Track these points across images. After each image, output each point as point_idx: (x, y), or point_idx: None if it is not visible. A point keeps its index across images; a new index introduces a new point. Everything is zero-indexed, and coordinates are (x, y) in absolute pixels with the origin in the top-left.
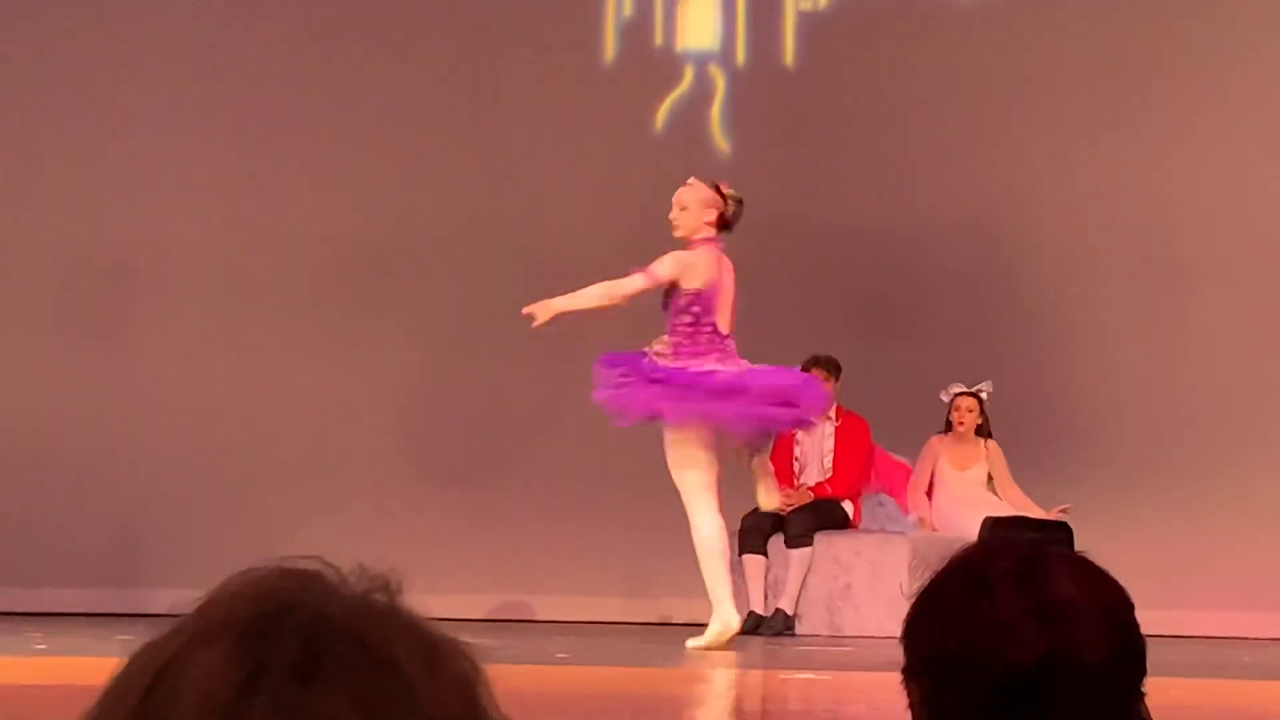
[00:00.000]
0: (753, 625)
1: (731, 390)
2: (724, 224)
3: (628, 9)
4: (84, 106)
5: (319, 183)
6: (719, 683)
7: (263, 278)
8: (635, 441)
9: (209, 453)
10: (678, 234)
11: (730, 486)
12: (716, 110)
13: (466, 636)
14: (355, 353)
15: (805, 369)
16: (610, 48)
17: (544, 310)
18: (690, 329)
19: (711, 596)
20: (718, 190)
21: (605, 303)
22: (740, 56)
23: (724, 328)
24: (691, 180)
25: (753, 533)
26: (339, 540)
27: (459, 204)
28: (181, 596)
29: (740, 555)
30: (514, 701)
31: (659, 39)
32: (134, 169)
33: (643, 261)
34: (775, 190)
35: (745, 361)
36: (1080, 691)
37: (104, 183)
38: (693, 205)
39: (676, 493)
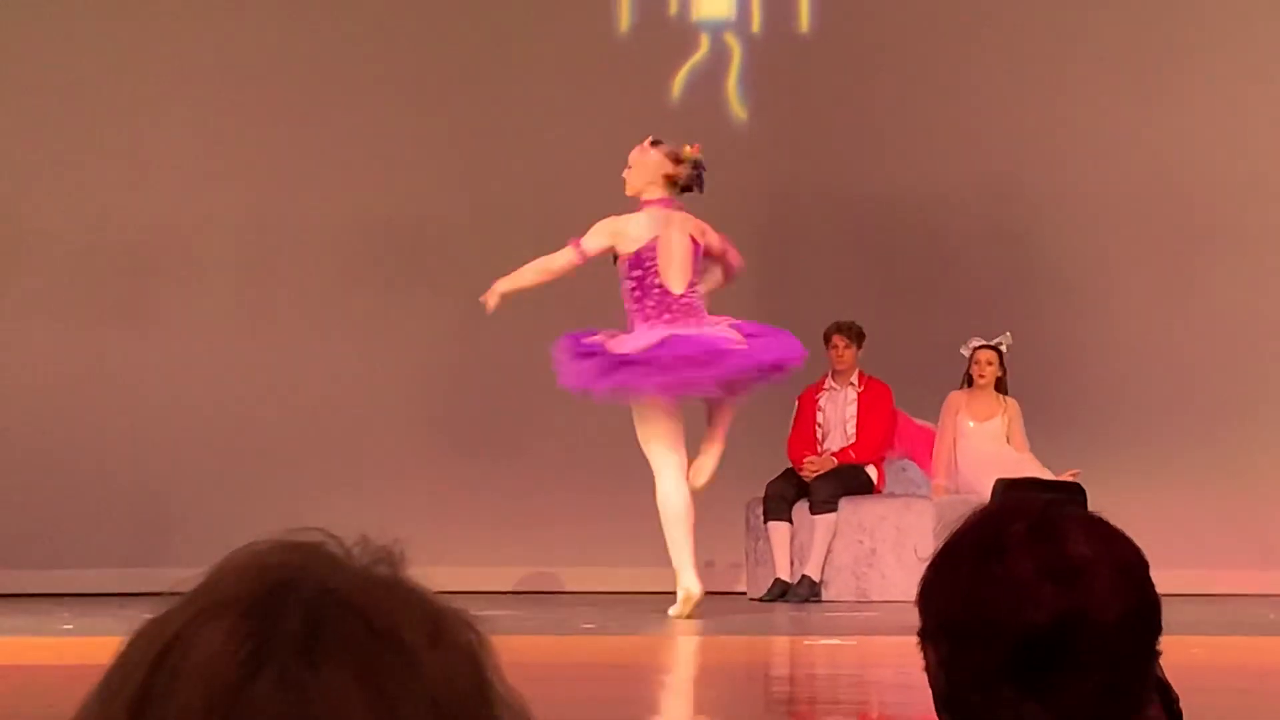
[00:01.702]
0: (779, 592)
1: (643, 362)
2: (682, 186)
3: None
4: (104, 89)
5: (338, 161)
6: (745, 650)
7: (284, 257)
8: None
9: (233, 432)
10: (627, 192)
11: (751, 455)
12: (733, 79)
13: (494, 609)
14: (379, 330)
15: (827, 336)
16: (625, 17)
17: (491, 295)
18: (637, 293)
19: (675, 564)
20: (673, 153)
21: (542, 278)
22: (756, 24)
23: (675, 287)
24: (645, 141)
25: (777, 500)
26: (365, 517)
27: (477, 178)
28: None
29: (765, 522)
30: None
31: (674, 8)
32: (155, 150)
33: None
34: (792, 157)
35: (712, 318)
36: (1096, 651)
37: (125, 164)
38: (636, 165)
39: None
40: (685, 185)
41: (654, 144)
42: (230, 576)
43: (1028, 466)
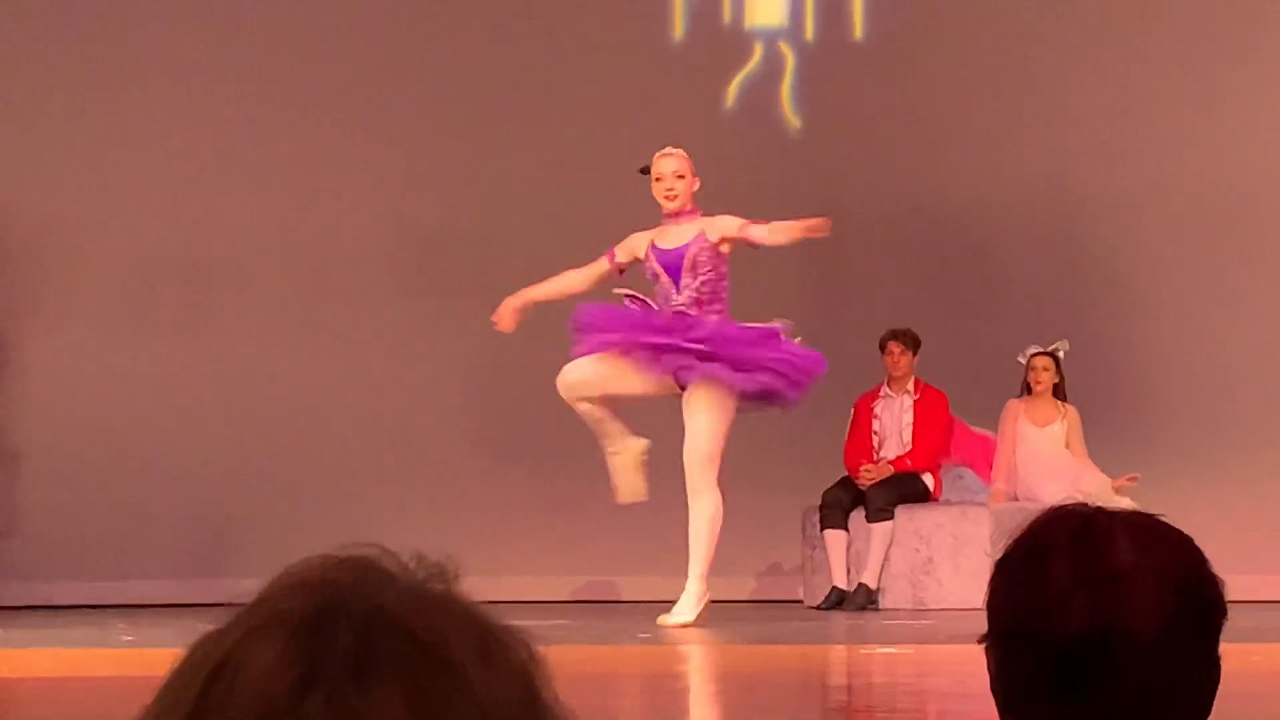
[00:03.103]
0: (835, 600)
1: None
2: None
3: None
4: (159, 102)
5: (390, 172)
6: (802, 659)
7: (337, 268)
8: None
9: (289, 442)
10: (674, 205)
11: (807, 463)
12: (787, 87)
13: (549, 618)
14: (431, 339)
15: (882, 343)
16: (679, 26)
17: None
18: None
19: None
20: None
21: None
22: (809, 32)
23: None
24: (670, 150)
25: (834, 508)
26: (421, 526)
27: (529, 187)
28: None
29: (821, 530)
30: (596, 683)
31: (727, 17)
32: (210, 162)
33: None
34: (846, 164)
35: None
36: (1135, 662)
37: (181, 176)
38: (688, 173)
39: (758, 471)
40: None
41: (680, 152)
42: (282, 593)
43: (1086, 472)
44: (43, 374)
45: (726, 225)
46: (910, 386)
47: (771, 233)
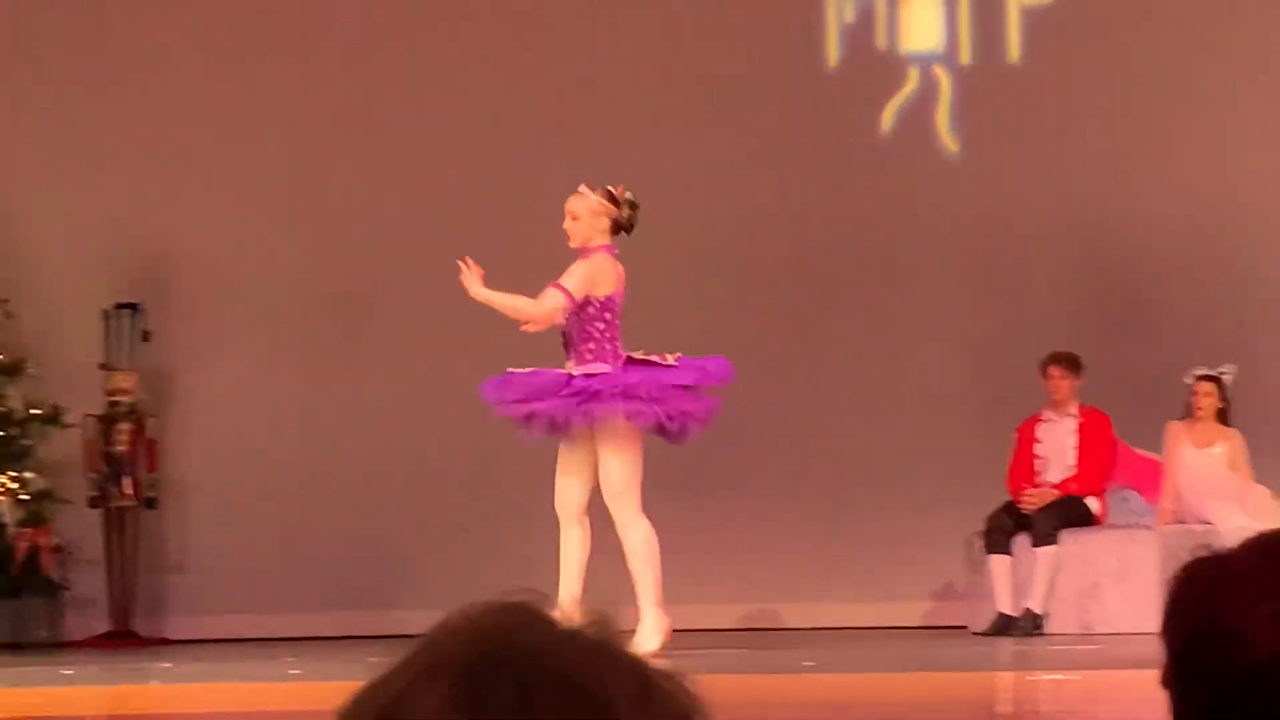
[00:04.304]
0: (1001, 625)
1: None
2: (620, 228)
3: (849, 13)
4: (311, 138)
5: (541, 197)
6: (968, 686)
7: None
8: (879, 446)
9: (449, 473)
10: (572, 244)
11: (971, 487)
12: (943, 110)
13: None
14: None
15: (1043, 366)
16: (834, 52)
17: (472, 279)
18: (609, 332)
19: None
20: (611, 196)
21: (523, 316)
22: (965, 56)
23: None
24: (580, 189)
25: (998, 532)
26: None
27: (686, 213)
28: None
29: (986, 555)
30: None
31: (882, 41)
32: (362, 196)
33: (879, 265)
34: (1006, 188)
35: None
36: None
37: (333, 211)
38: (584, 214)
39: (921, 496)
40: (628, 226)
41: (583, 192)
42: (446, 640)
43: (1251, 492)
44: (206, 409)
45: (570, 272)
46: (1073, 409)
47: (528, 302)
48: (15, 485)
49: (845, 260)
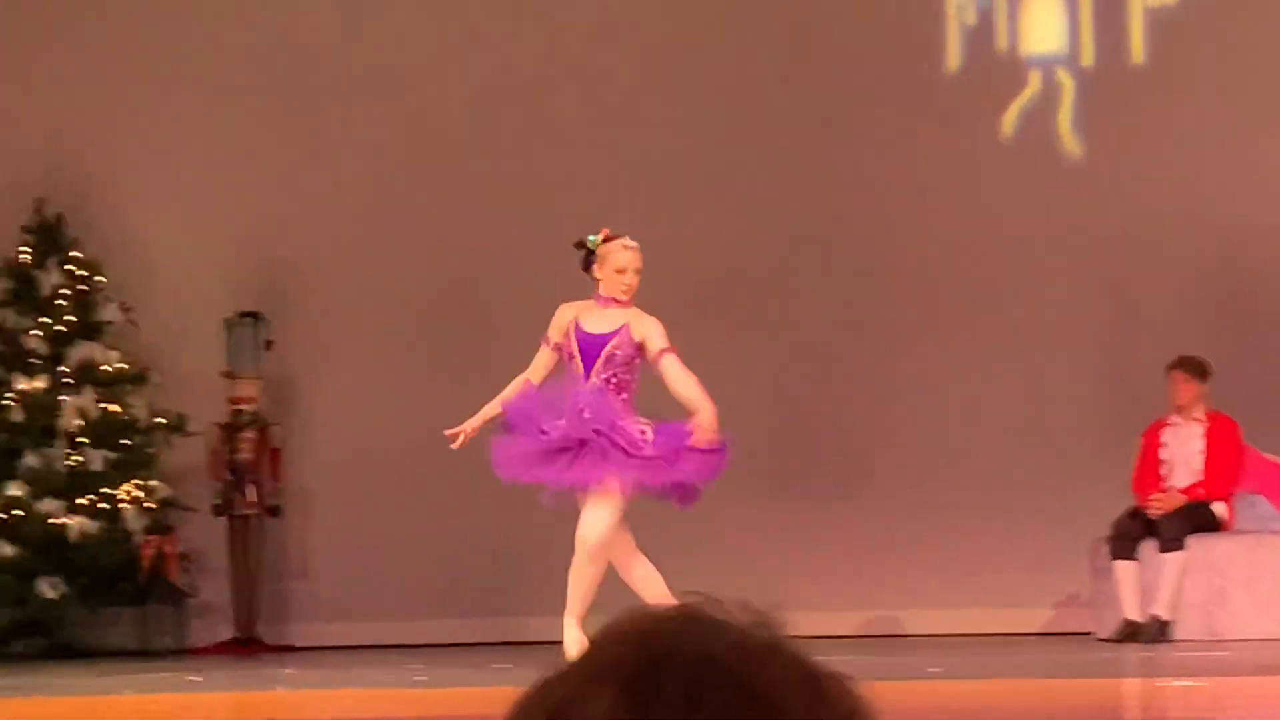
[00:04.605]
0: (1128, 632)
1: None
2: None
3: (970, 16)
4: (430, 143)
5: (694, 209)
6: (1095, 693)
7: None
8: (1005, 451)
9: None
10: (627, 295)
11: (1096, 493)
12: (1065, 113)
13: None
14: (721, 371)
15: (1169, 371)
16: (954, 55)
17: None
18: (632, 383)
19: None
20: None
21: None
22: (1087, 58)
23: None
24: (634, 243)
25: (1123, 538)
26: (706, 560)
27: (812, 220)
28: (557, 625)
29: (1112, 561)
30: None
31: (1002, 44)
32: (484, 202)
33: (1001, 270)
34: (1130, 191)
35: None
36: None
37: (457, 216)
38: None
39: (1045, 502)
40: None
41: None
42: (613, 643)
43: None
44: (328, 416)
45: (650, 336)
46: (1200, 414)
47: (675, 382)
48: (140, 493)
49: (968, 265)
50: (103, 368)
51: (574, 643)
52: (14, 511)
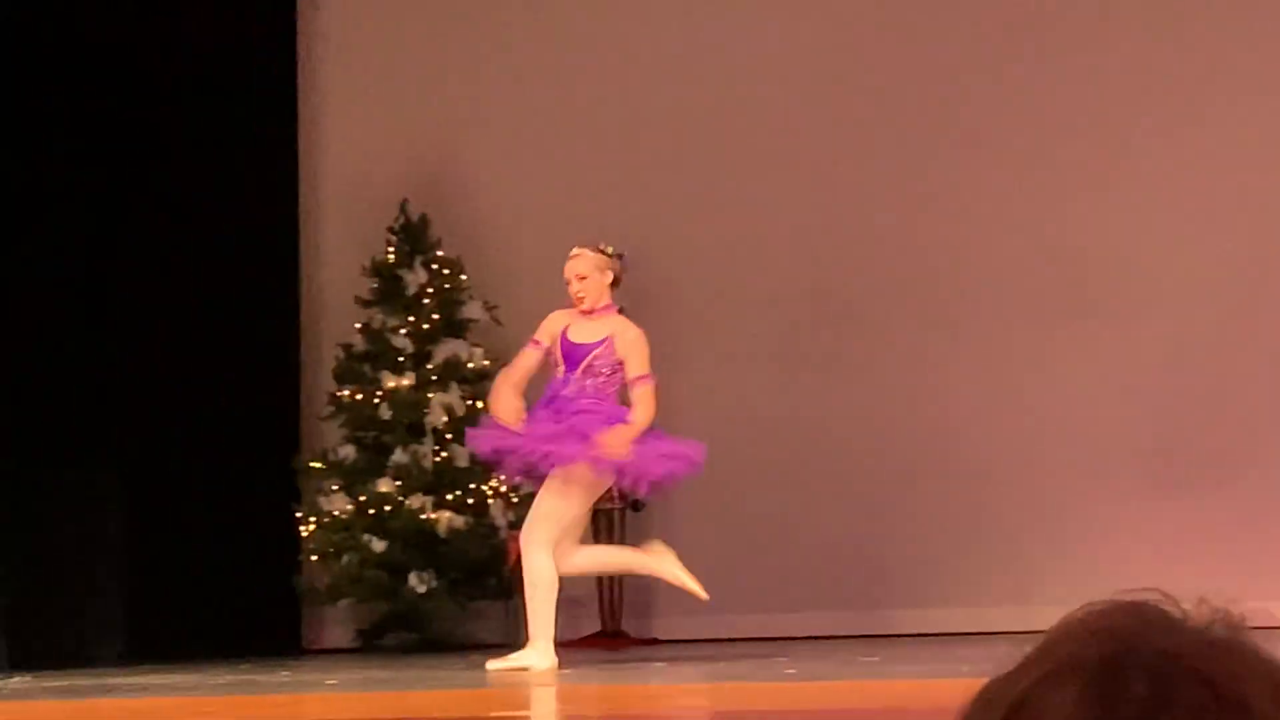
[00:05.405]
0: None
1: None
2: (618, 283)
3: None
4: (791, 143)
5: (1023, 197)
6: None
7: (973, 290)
8: None
9: (941, 471)
10: (584, 306)
11: None
12: None
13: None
14: (1078, 362)
15: None
16: None
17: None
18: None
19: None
20: (604, 253)
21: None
22: None
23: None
24: (578, 251)
25: None
26: (1073, 554)
27: (1158, 207)
28: (923, 617)
29: None
30: None
31: None
32: (827, 198)
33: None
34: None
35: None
36: None
37: (819, 212)
38: (593, 273)
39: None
40: (618, 281)
41: (583, 253)
42: (1070, 640)
43: None
44: (690, 409)
45: (631, 358)
46: None
47: (635, 404)
48: (505, 488)
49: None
50: (468, 365)
51: (543, 656)
52: (385, 507)
